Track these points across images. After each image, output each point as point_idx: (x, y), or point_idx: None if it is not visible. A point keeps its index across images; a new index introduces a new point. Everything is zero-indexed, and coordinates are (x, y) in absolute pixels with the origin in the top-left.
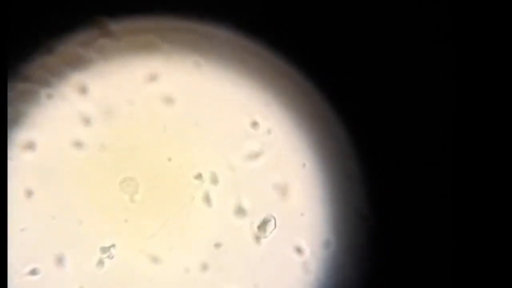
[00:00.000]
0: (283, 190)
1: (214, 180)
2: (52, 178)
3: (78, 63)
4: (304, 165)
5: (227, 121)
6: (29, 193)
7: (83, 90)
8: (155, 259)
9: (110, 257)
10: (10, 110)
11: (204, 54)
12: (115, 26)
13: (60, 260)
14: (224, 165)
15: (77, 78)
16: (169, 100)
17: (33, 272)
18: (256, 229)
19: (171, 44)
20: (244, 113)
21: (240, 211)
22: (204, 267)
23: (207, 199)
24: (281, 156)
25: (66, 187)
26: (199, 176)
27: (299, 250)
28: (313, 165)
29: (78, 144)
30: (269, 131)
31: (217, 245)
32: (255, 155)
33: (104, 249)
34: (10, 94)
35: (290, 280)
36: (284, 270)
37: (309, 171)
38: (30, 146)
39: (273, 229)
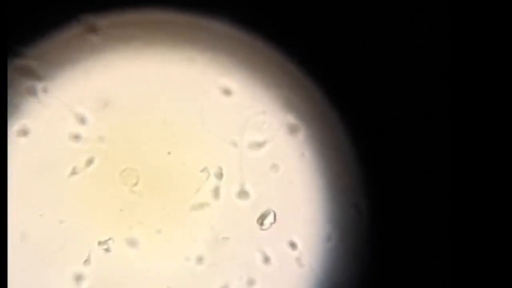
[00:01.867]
0: (283, 184)
1: (216, 173)
2: (50, 170)
3: (76, 55)
4: (303, 155)
5: (226, 114)
6: (25, 186)
7: (81, 83)
8: (153, 252)
9: (107, 250)
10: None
11: (201, 47)
12: (114, 18)
13: (57, 252)
14: (225, 159)
15: (75, 70)
16: (168, 93)
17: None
18: (256, 222)
19: (169, 38)
20: (241, 107)
21: (240, 204)
22: (201, 259)
23: (208, 192)
24: (280, 150)
25: (63, 179)
26: (202, 170)
27: (297, 244)
28: (312, 160)
29: (76, 137)
30: (266, 126)
31: (216, 238)
32: (257, 146)
33: (101, 242)
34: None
35: (287, 274)
36: (281, 264)
37: (309, 166)
38: (26, 138)
39: (272, 223)
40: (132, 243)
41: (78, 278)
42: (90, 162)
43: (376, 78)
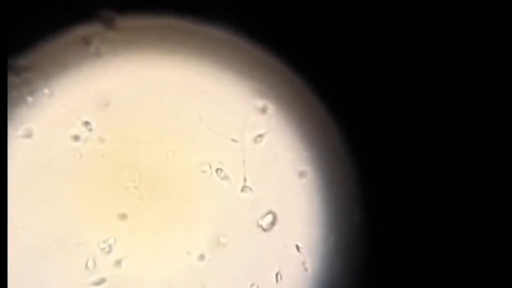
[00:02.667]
0: (283, 183)
1: (217, 172)
2: (50, 171)
3: (77, 58)
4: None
5: (224, 115)
6: (26, 187)
7: (82, 85)
8: (153, 252)
9: (108, 251)
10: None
11: (199, 52)
12: (116, 21)
13: (57, 253)
14: (225, 157)
15: (76, 73)
16: (167, 94)
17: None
18: (257, 224)
19: (168, 43)
20: (239, 108)
21: (242, 203)
22: (202, 259)
23: (209, 190)
24: (279, 153)
25: (64, 180)
26: (203, 169)
27: (297, 246)
28: (310, 161)
29: (76, 139)
30: (263, 126)
31: (218, 238)
32: (256, 143)
33: (102, 243)
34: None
35: (288, 275)
36: (282, 265)
37: (308, 167)
38: (27, 140)
39: (273, 222)
40: (133, 243)
41: (79, 278)
42: (90, 163)
43: (376, 79)
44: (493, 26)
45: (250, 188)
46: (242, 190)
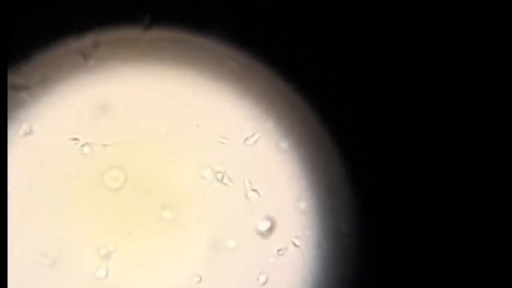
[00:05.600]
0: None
1: (216, 177)
2: (49, 176)
3: (77, 63)
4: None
5: (221, 119)
6: (25, 190)
7: (82, 90)
8: (154, 256)
9: (107, 256)
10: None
11: (196, 61)
12: (110, 35)
13: (53, 260)
14: (223, 162)
15: (75, 78)
16: (163, 99)
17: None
18: (256, 229)
19: (164, 53)
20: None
21: (239, 207)
22: (201, 263)
23: (208, 194)
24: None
25: (62, 184)
26: (204, 175)
27: (294, 247)
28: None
29: (74, 144)
30: (255, 142)
31: (217, 243)
32: (254, 147)
33: (101, 248)
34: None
35: (286, 277)
36: (280, 267)
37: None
38: (26, 141)
39: (271, 228)
40: (132, 250)
41: (78, 285)
42: (87, 168)
43: (377, 83)
44: (494, 27)
45: (256, 191)
46: (238, 199)
